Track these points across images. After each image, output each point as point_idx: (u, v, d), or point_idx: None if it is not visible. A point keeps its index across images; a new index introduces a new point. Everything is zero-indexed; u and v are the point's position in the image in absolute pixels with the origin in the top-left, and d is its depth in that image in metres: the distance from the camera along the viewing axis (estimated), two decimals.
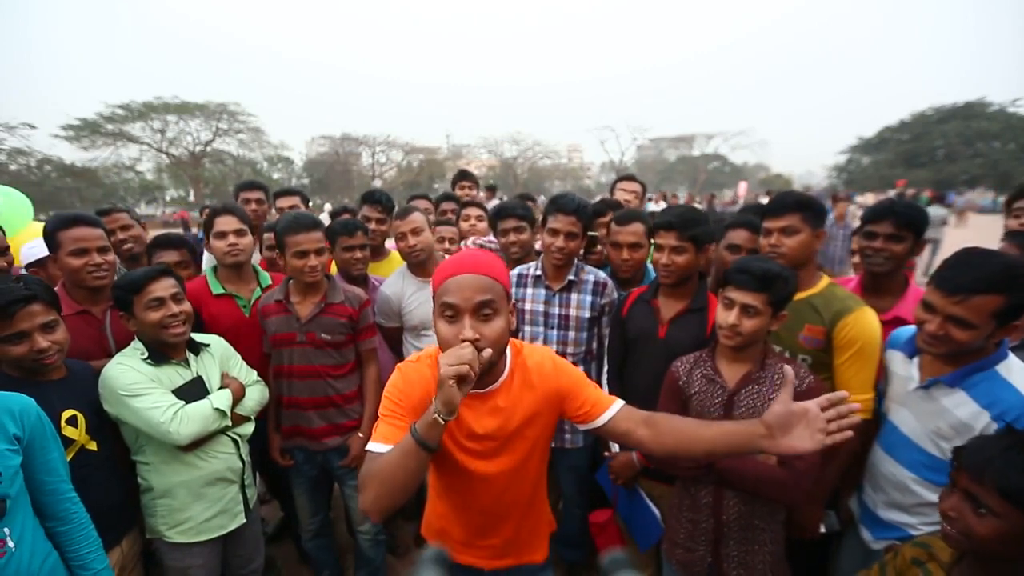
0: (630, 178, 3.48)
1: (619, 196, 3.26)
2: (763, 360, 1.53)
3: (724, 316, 1.51)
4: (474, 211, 3.23)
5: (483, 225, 3.15)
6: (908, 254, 1.82)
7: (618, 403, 1.29)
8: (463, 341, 1.07)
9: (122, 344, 1.84)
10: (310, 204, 3.60)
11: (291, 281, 2.15)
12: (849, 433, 1.02)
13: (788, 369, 1.16)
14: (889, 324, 1.76)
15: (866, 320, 1.65)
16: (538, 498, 1.45)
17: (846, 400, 1.04)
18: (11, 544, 1.24)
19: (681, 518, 1.65)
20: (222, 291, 2.25)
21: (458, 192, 4.38)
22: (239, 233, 2.24)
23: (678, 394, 1.65)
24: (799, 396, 1.43)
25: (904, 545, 1.27)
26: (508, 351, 1.28)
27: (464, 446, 1.27)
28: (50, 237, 1.89)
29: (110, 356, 1.76)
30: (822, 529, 1.73)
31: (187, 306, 1.80)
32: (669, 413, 1.63)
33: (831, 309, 1.69)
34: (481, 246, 2.89)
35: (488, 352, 1.07)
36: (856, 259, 2.59)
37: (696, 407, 1.60)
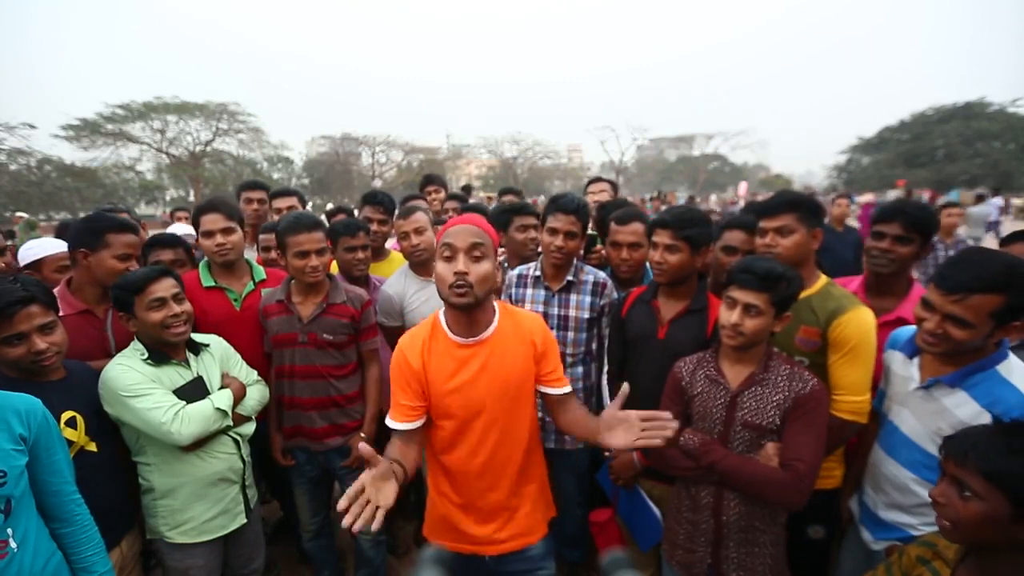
0: (598, 180, 3.71)
1: (590, 199, 3.41)
2: (766, 362, 1.53)
3: (726, 315, 1.51)
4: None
5: None
6: (914, 256, 1.81)
7: (568, 388, 1.58)
8: (456, 273, 1.34)
9: (123, 344, 1.84)
10: (310, 204, 3.59)
11: (292, 281, 2.15)
12: (657, 441, 1.25)
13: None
14: (891, 325, 1.76)
15: (860, 320, 1.64)
16: (533, 469, 1.58)
17: (665, 420, 1.27)
18: (13, 545, 1.25)
19: (681, 519, 1.65)
20: (213, 284, 2.24)
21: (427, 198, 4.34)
22: (226, 231, 2.22)
23: (680, 394, 1.65)
24: (801, 399, 1.44)
25: (909, 544, 1.27)
26: (497, 308, 1.51)
27: (454, 392, 1.45)
28: (95, 236, 1.93)
29: (111, 356, 1.76)
30: (810, 534, 1.74)
31: (188, 306, 1.80)
32: (670, 413, 1.65)
33: (826, 309, 1.68)
34: None
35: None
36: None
37: (699, 408, 1.60)
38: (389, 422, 1.48)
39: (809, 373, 1.52)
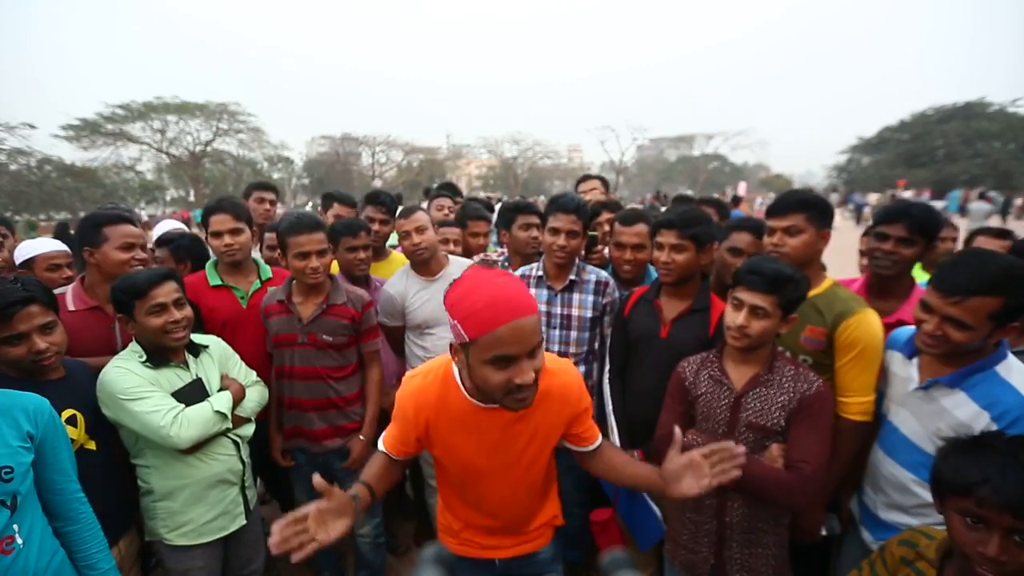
0: (588, 178, 3.70)
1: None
2: (771, 362, 1.52)
3: (733, 317, 1.50)
4: (482, 226, 3.20)
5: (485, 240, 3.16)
6: (917, 258, 1.80)
7: (600, 437, 1.43)
8: (519, 385, 1.05)
9: (129, 343, 1.83)
10: (309, 204, 3.61)
11: (294, 281, 2.15)
12: (734, 473, 1.15)
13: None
14: (892, 327, 1.75)
15: (868, 322, 1.64)
16: (547, 489, 1.49)
17: (731, 450, 1.17)
18: (19, 541, 1.25)
19: (684, 519, 1.64)
20: (219, 283, 2.26)
21: (435, 210, 4.18)
22: (234, 232, 2.24)
23: (684, 395, 1.65)
24: (807, 400, 1.45)
25: (891, 542, 1.25)
26: None
27: (463, 451, 1.31)
28: (94, 231, 1.96)
29: (115, 354, 1.76)
30: (823, 532, 1.72)
31: (188, 311, 1.79)
32: (674, 414, 1.65)
33: (833, 310, 1.68)
34: (493, 262, 2.82)
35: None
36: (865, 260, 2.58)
37: (702, 408, 1.59)
38: (381, 445, 1.38)
39: (814, 374, 1.52)
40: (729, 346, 1.57)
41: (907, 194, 21.19)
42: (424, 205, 3.65)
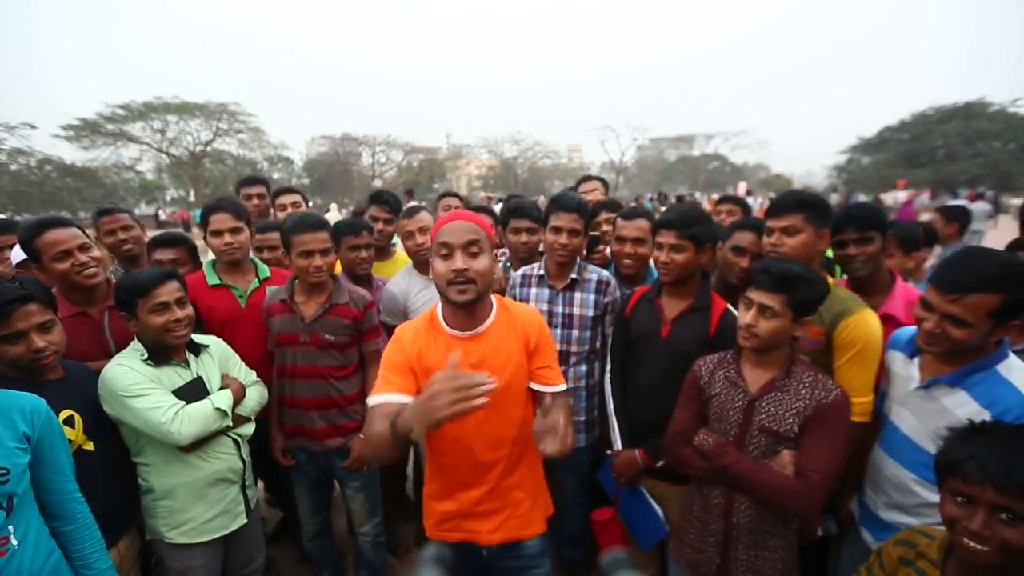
0: (588, 178, 3.71)
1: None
2: (789, 367, 1.51)
3: (743, 316, 1.50)
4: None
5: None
6: (883, 251, 1.84)
7: (563, 386, 1.53)
8: (454, 271, 1.33)
9: (122, 345, 1.83)
10: (309, 204, 3.59)
11: (296, 281, 2.16)
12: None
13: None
14: (881, 322, 1.76)
15: (867, 321, 1.64)
16: (525, 466, 1.53)
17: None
18: (14, 542, 1.25)
19: (691, 518, 1.64)
20: (218, 282, 2.26)
21: (441, 211, 4.29)
22: (234, 231, 2.25)
23: (699, 393, 1.64)
24: (823, 408, 1.44)
25: (887, 544, 1.24)
26: (495, 303, 1.50)
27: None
28: (27, 247, 1.86)
29: (110, 357, 1.76)
30: (819, 532, 1.72)
31: (190, 310, 1.80)
32: (687, 412, 1.66)
33: (832, 310, 1.68)
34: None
35: (481, 401, 1.06)
36: None
37: (716, 409, 1.58)
38: (373, 398, 1.38)
39: (833, 382, 1.50)
40: (746, 348, 1.55)
41: (902, 195, 21.17)
42: (411, 204, 3.65)
